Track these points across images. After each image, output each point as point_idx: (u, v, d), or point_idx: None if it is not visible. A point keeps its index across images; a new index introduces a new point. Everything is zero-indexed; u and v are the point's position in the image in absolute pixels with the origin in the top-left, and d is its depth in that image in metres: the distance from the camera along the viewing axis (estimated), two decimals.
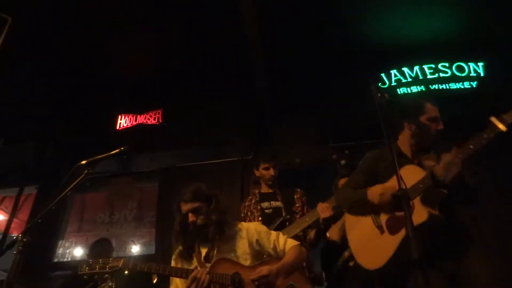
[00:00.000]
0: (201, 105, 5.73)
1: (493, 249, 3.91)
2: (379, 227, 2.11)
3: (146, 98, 6.13)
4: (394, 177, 1.99)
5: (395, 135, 2.34)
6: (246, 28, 4.57)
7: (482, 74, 5.26)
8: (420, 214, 1.94)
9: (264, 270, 2.16)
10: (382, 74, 5.52)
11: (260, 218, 3.07)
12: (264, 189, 3.38)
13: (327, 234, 3.20)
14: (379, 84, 5.42)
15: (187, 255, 2.32)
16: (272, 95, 5.41)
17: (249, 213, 3.26)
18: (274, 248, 2.35)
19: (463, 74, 5.30)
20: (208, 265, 2.23)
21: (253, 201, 3.35)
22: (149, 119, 6.14)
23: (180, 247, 2.36)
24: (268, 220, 2.89)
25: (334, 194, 3.02)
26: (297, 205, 3.22)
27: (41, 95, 5.63)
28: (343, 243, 3.09)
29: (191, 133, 5.60)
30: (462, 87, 5.23)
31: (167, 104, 6.04)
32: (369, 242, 2.11)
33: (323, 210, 2.90)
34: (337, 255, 3.14)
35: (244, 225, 2.45)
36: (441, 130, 2.18)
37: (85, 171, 1.99)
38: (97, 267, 2.19)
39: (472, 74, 5.29)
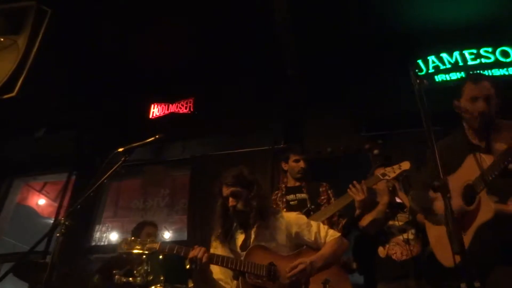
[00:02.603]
0: (232, 94, 5.74)
1: None
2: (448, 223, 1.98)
3: (178, 87, 6.21)
4: (461, 169, 1.98)
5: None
6: (277, 15, 4.50)
7: None
8: (486, 210, 1.78)
9: (302, 264, 2.11)
10: (419, 61, 5.31)
11: (285, 210, 3.04)
12: (291, 182, 3.36)
13: (360, 224, 3.15)
14: (416, 71, 5.21)
15: (224, 239, 2.33)
16: (304, 83, 5.33)
17: (275, 206, 3.26)
18: (316, 240, 2.29)
19: (508, 60, 5.00)
20: (243, 253, 2.21)
21: (279, 195, 3.35)
22: (180, 108, 6.23)
23: (219, 230, 2.36)
24: (293, 211, 2.86)
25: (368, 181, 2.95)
26: (322, 197, 3.18)
27: (78, 86, 5.83)
28: (377, 233, 3.05)
29: (222, 121, 5.63)
30: (507, 73, 4.94)
31: (199, 93, 6.10)
32: (444, 239, 1.92)
33: (357, 192, 2.82)
34: (370, 245, 3.10)
35: (285, 215, 2.40)
36: (483, 112, 1.95)
37: (122, 158, 2.05)
38: (136, 246, 2.22)
39: None
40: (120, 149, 2.06)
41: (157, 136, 2.14)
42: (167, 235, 6.11)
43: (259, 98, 5.54)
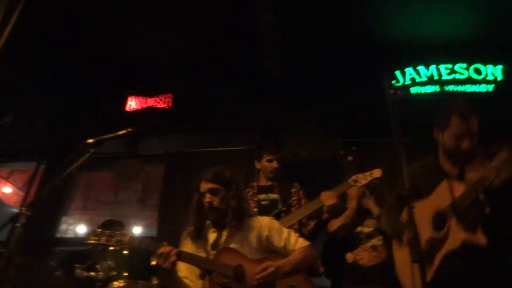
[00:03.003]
0: (212, 92, 5.71)
1: None
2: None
3: (158, 82, 6.12)
4: (433, 195, 1.98)
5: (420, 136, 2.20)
6: (261, 17, 4.51)
7: (499, 78, 5.14)
8: (454, 238, 1.80)
9: (271, 267, 2.12)
10: (397, 72, 5.43)
11: (256, 210, 3.04)
12: (263, 181, 3.35)
13: (328, 228, 3.19)
14: (393, 81, 5.33)
15: (196, 237, 2.31)
16: (285, 87, 5.36)
17: (250, 209, 3.25)
18: (285, 246, 2.30)
19: (480, 77, 5.18)
20: (213, 252, 2.21)
21: (250, 193, 3.33)
22: (159, 103, 6.15)
23: (191, 227, 2.34)
24: (264, 212, 2.87)
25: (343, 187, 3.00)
26: (293, 198, 3.19)
27: (52, 71, 5.66)
28: (345, 238, 3.09)
29: (200, 119, 5.60)
30: (478, 90, 5.13)
31: (178, 89, 6.03)
32: (410, 264, 1.94)
33: (328, 197, 2.86)
34: (338, 250, 3.14)
35: (259, 219, 2.41)
36: (466, 150, 1.92)
37: (92, 150, 1.99)
38: (104, 239, 2.18)
39: (489, 77, 5.17)
40: (90, 140, 2.01)
41: (129, 130, 2.09)
42: (136, 230, 6.01)
43: (239, 98, 5.53)
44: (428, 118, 2.24)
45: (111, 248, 2.65)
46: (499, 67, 5.18)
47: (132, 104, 6.19)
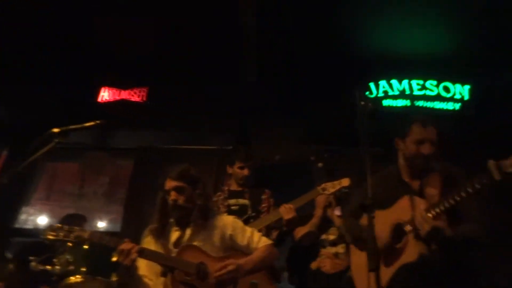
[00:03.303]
0: (189, 90, 5.65)
1: None
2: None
3: (133, 74, 6.00)
4: (394, 207, 2.04)
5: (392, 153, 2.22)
6: (242, 19, 4.52)
7: (466, 98, 5.37)
8: (411, 252, 1.87)
9: (231, 265, 2.13)
10: (371, 84, 5.57)
11: (225, 214, 3.04)
12: (234, 186, 3.35)
13: (294, 235, 3.22)
14: (366, 93, 5.46)
15: (158, 234, 2.29)
16: (261, 90, 5.38)
17: (215, 208, 3.24)
18: (248, 245, 2.31)
19: (448, 95, 5.40)
20: (175, 250, 2.20)
21: (221, 197, 3.33)
22: (133, 96, 6.03)
23: (155, 224, 2.31)
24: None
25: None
26: (263, 205, 3.20)
27: (22, 59, 5.43)
28: (310, 245, 3.14)
29: (174, 116, 5.53)
30: (445, 107, 5.34)
31: (155, 84, 5.94)
32: (365, 270, 2.00)
33: (286, 211, 2.89)
34: (303, 256, 3.18)
35: (223, 218, 2.42)
36: (427, 155, 2.00)
37: (56, 140, 1.93)
38: (62, 234, 2.12)
39: (457, 96, 5.39)
40: (56, 130, 1.94)
41: (97, 122, 2.04)
42: (100, 224, 5.86)
43: (216, 98, 5.50)
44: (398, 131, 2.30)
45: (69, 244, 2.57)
46: (467, 87, 5.41)
47: (105, 95, 6.04)
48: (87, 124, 2.02)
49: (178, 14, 5.15)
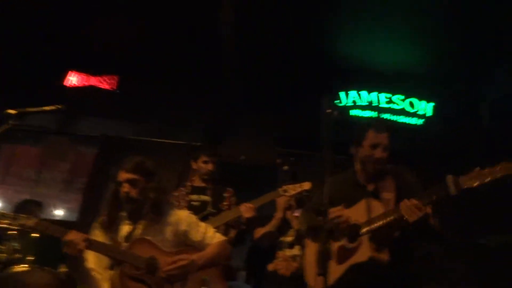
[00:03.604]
0: (160, 82, 5.56)
1: None
2: (330, 252, 2.08)
3: (105, 61, 5.84)
4: (352, 208, 2.09)
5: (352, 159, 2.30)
6: (221, 17, 4.51)
7: (429, 114, 5.60)
8: (363, 253, 1.94)
9: (183, 260, 2.11)
10: (341, 93, 5.70)
11: (186, 209, 3.01)
12: (197, 182, 3.33)
13: (254, 235, 3.25)
14: (336, 101, 5.59)
15: (108, 227, 2.22)
16: (234, 90, 5.39)
17: (176, 203, 3.20)
18: (201, 241, 2.29)
19: (413, 110, 5.62)
20: (126, 244, 2.14)
21: (183, 192, 3.29)
22: (102, 83, 5.87)
23: (105, 217, 2.24)
24: (193, 213, 2.85)
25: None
26: (224, 203, 3.20)
27: None
28: (269, 246, 3.17)
29: (143, 107, 5.42)
30: (409, 122, 5.55)
31: (126, 73, 5.80)
32: (315, 262, 2.01)
33: (246, 210, 2.91)
34: (261, 257, 3.21)
35: (177, 212, 2.36)
36: (380, 159, 2.12)
37: (11, 121, 1.84)
38: (6, 221, 2.03)
39: (421, 112, 5.62)
40: (12, 111, 1.85)
41: (58, 106, 1.96)
42: (58, 212, 5.66)
43: (187, 93, 5.45)
44: None
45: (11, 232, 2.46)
46: (431, 104, 5.65)
47: (73, 79, 5.84)
48: (47, 108, 1.94)
49: (156, 7, 5.07)
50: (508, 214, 4.37)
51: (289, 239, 3.15)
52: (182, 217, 2.32)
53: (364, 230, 2.01)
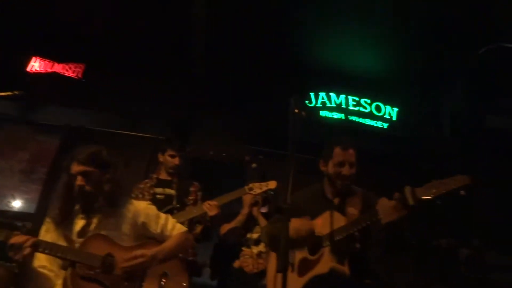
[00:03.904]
0: (129, 73, 5.42)
1: None
2: (291, 265, 2.13)
3: (71, 48, 5.62)
4: (317, 220, 2.15)
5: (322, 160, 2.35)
6: (194, 9, 4.46)
7: (393, 119, 5.80)
8: (324, 264, 1.98)
9: (141, 257, 2.02)
10: (311, 93, 5.79)
11: (149, 202, 2.97)
12: (163, 175, 3.29)
13: (220, 231, 3.25)
14: (306, 102, 5.67)
15: (60, 222, 2.09)
16: (206, 85, 5.34)
17: (140, 195, 3.16)
18: (161, 232, 2.22)
19: (379, 114, 5.80)
20: (80, 240, 2.02)
21: (148, 185, 3.25)
22: (67, 70, 5.65)
23: (57, 211, 2.11)
24: (158, 206, 2.81)
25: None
26: (190, 197, 3.18)
27: None
28: (235, 243, 3.18)
29: (109, 98, 5.27)
30: (375, 125, 5.72)
31: (93, 62, 5.61)
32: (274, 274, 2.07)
33: (210, 207, 2.92)
34: (227, 254, 3.21)
35: (134, 204, 2.26)
36: (348, 176, 2.16)
37: None
38: None
39: (386, 116, 5.81)
40: None
41: (16, 92, 1.87)
42: (15, 203, 5.39)
43: (156, 85, 5.34)
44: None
45: None
46: (396, 109, 5.85)
47: (36, 65, 5.58)
48: (3, 94, 1.85)
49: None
50: (454, 220, 4.65)
51: (255, 236, 3.18)
52: (140, 209, 2.23)
53: (326, 242, 2.04)
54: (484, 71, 4.78)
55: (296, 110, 2.02)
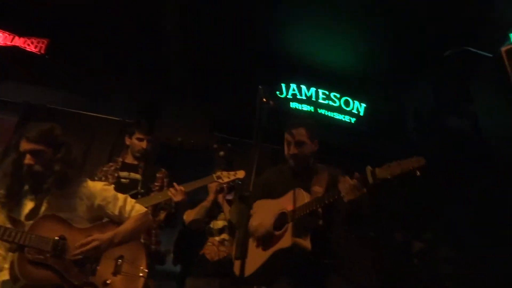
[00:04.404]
0: (96, 52, 5.20)
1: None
2: (258, 239, 2.19)
3: (34, 22, 5.31)
4: (283, 198, 2.23)
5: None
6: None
7: (361, 114, 5.94)
8: (286, 239, 2.05)
9: (96, 241, 1.97)
10: (283, 84, 5.81)
11: (113, 186, 2.90)
12: (129, 159, 3.22)
13: (184, 218, 3.22)
14: (277, 92, 5.69)
15: (6, 204, 1.98)
16: (176, 70, 5.22)
17: (103, 178, 3.07)
18: (120, 214, 2.16)
19: (348, 109, 5.93)
20: (29, 223, 1.92)
21: (112, 168, 3.17)
22: (29, 45, 5.35)
23: (3, 192, 2.00)
24: (122, 190, 2.75)
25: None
26: (156, 183, 3.14)
27: None
28: (198, 230, 3.16)
29: (74, 76, 5.04)
30: (343, 119, 5.84)
31: (57, 37, 5.33)
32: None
33: (176, 193, 2.88)
34: (190, 241, 3.19)
35: (90, 185, 2.17)
36: (294, 155, 2.32)
37: None
38: None
39: (354, 111, 5.95)
40: None
41: None
42: None
43: (125, 66, 5.17)
44: None
45: None
46: (364, 105, 6.00)
47: None
48: None
49: None
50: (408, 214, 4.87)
51: (219, 223, 3.18)
52: (96, 190, 2.16)
53: (290, 218, 2.11)
54: (448, 73, 4.97)
55: (264, 99, 2.05)
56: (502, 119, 4.08)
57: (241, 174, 3.08)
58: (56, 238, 1.92)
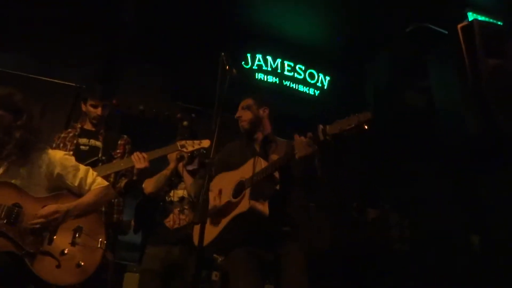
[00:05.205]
0: (51, 13, 4.85)
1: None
2: (214, 208, 2.21)
3: None
4: (242, 167, 2.26)
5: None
6: None
7: (325, 87, 6.03)
8: (244, 204, 2.09)
9: (54, 213, 1.95)
10: (248, 55, 5.75)
11: (72, 153, 2.81)
12: (88, 126, 3.11)
13: (144, 186, 3.19)
14: (243, 63, 5.63)
15: None
16: (136, 36, 5.00)
17: (61, 145, 2.96)
18: (80, 185, 2.13)
19: (312, 81, 6.00)
20: None
21: (70, 134, 3.06)
22: None
23: None
24: (81, 157, 2.66)
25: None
26: (118, 150, 3.06)
27: None
28: (158, 199, 3.16)
29: (23, 36, 4.71)
30: (307, 92, 5.91)
31: None
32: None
33: (139, 160, 2.82)
34: (150, 209, 3.18)
35: (50, 153, 2.13)
36: (237, 117, 2.45)
37: None
38: None
39: (318, 84, 6.03)
40: None
41: None
42: None
43: (81, 29, 4.87)
44: None
45: None
46: (328, 78, 6.08)
47: None
48: None
49: None
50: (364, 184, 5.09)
51: (179, 192, 3.18)
52: (56, 159, 2.12)
53: (248, 184, 2.15)
54: (407, 49, 5.11)
55: (227, 67, 2.05)
56: (454, 94, 4.30)
57: (206, 143, 3.05)
58: (9, 205, 1.89)
